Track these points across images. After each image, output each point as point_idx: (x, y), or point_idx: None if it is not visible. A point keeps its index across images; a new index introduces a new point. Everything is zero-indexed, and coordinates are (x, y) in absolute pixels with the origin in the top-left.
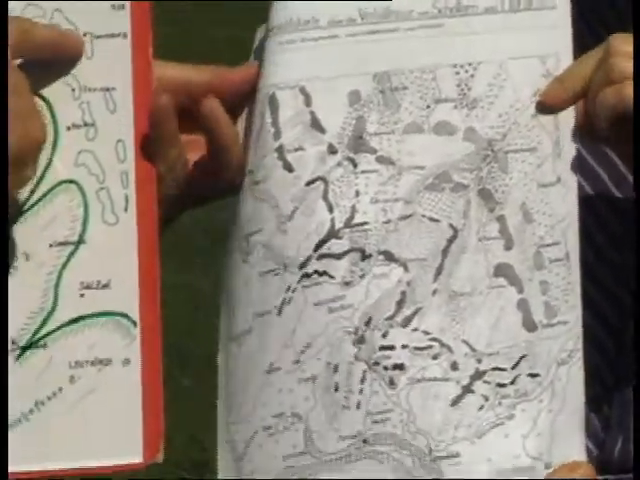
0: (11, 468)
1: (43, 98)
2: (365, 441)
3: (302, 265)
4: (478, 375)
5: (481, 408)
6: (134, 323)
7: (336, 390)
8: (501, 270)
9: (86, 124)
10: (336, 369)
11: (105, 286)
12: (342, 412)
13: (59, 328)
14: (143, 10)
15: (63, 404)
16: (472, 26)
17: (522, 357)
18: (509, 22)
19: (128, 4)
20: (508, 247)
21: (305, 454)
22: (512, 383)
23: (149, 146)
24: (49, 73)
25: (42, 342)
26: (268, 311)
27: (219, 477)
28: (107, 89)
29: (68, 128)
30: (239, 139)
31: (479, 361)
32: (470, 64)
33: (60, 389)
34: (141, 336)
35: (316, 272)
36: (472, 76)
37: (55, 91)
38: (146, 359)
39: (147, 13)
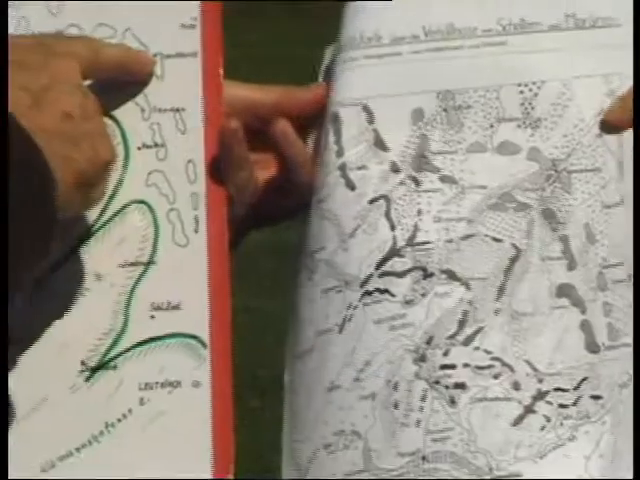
0: None
1: (113, 118)
2: (424, 458)
3: (363, 283)
4: (540, 395)
5: (543, 428)
6: (204, 345)
7: (395, 407)
8: (564, 291)
9: (156, 144)
10: (396, 387)
11: (175, 307)
12: (401, 429)
13: (129, 349)
14: (214, 29)
15: (133, 426)
16: (536, 44)
17: (584, 379)
18: (574, 40)
19: (199, 23)
20: (571, 267)
21: (364, 472)
22: (574, 404)
23: (219, 168)
24: (120, 93)
25: (112, 363)
26: (330, 329)
27: None
28: (177, 109)
29: (139, 148)
30: (310, 159)
31: (541, 381)
32: (534, 83)
33: (130, 411)
34: (211, 358)
35: (377, 290)
36: (536, 95)
37: (125, 111)
38: (216, 381)
39: (218, 32)
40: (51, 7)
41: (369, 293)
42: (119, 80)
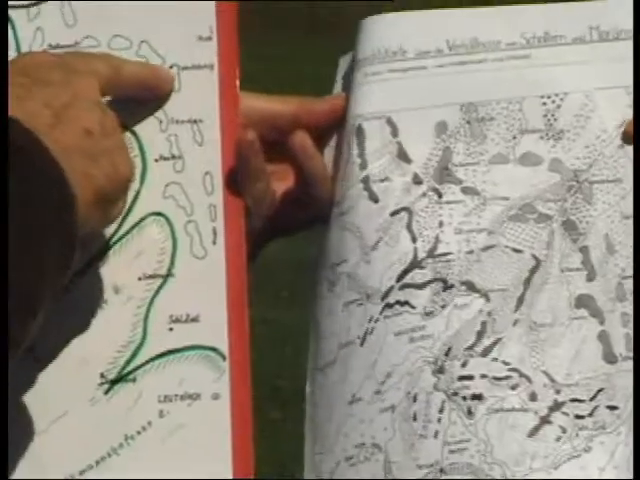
0: None
1: (131, 130)
2: (442, 470)
3: (384, 295)
4: (557, 406)
5: (558, 439)
6: (223, 357)
7: (414, 419)
8: (583, 301)
9: (174, 156)
10: (415, 399)
11: (194, 320)
12: (420, 441)
13: (148, 362)
14: (230, 41)
15: (153, 439)
16: (560, 56)
17: (601, 389)
18: (597, 52)
19: (215, 35)
20: (590, 278)
21: None
22: (590, 415)
23: (236, 179)
24: (138, 108)
25: (131, 376)
26: (351, 342)
27: None
28: (194, 121)
29: (156, 160)
30: (328, 172)
31: (558, 392)
32: (557, 95)
33: (149, 423)
34: (230, 370)
35: (398, 302)
36: (559, 107)
37: (143, 123)
38: (235, 393)
39: (234, 44)
40: (67, 19)
41: (390, 306)
42: (139, 97)
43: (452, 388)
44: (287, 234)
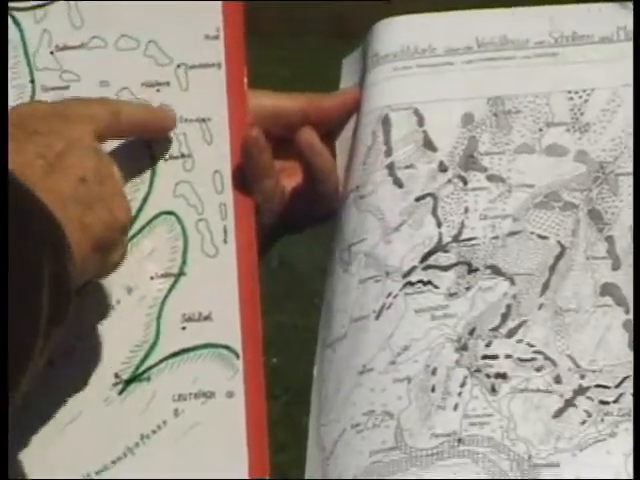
0: None
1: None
2: (460, 440)
3: (406, 274)
4: (581, 390)
5: (583, 423)
6: (236, 355)
7: (432, 391)
8: (607, 290)
9: (183, 155)
10: (434, 372)
11: (206, 318)
12: (437, 412)
13: (162, 361)
14: (237, 40)
15: (168, 438)
16: (587, 55)
17: (626, 377)
18: (624, 51)
19: (222, 34)
20: (615, 267)
21: (395, 449)
22: (615, 402)
23: (245, 177)
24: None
25: (146, 375)
26: (365, 316)
27: (305, 478)
28: (203, 120)
29: (165, 159)
30: (335, 167)
31: (582, 377)
32: (584, 90)
33: (164, 422)
34: (244, 368)
35: (420, 281)
36: (585, 102)
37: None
38: (249, 391)
39: (241, 43)
40: (74, 20)
41: (411, 284)
42: (140, 138)
43: (475, 365)
44: (297, 230)
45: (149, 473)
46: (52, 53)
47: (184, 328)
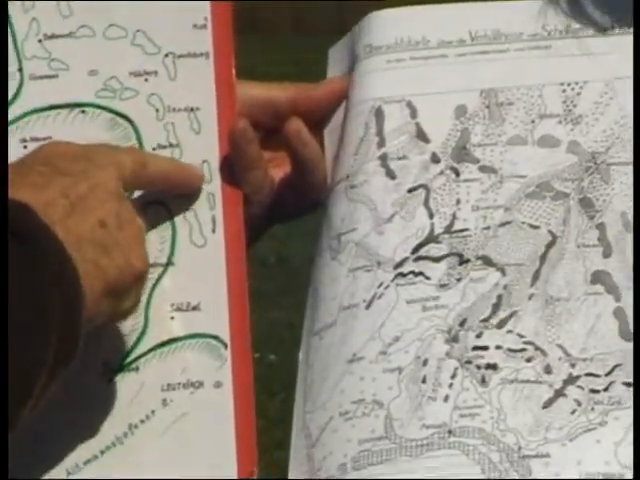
0: None
1: (128, 119)
2: (450, 432)
3: (398, 265)
4: (571, 380)
5: (573, 412)
6: (225, 345)
7: (423, 382)
8: (599, 277)
9: (171, 145)
10: (425, 363)
11: (195, 308)
12: (427, 403)
13: (150, 351)
14: (225, 29)
15: (156, 427)
16: (581, 48)
17: (617, 365)
18: (617, 44)
19: (209, 24)
20: (607, 255)
21: (384, 439)
22: (605, 390)
23: (233, 168)
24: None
25: (134, 365)
26: (355, 304)
27: (290, 467)
28: (191, 109)
29: (154, 149)
30: (323, 157)
31: (573, 366)
32: (577, 83)
33: (153, 412)
34: (232, 358)
35: (412, 272)
36: (578, 94)
37: (140, 112)
38: (237, 381)
39: (229, 32)
40: (62, 9)
41: (403, 275)
42: (166, 191)
43: (466, 356)
44: (286, 220)
45: (138, 462)
46: (40, 42)
47: (172, 318)
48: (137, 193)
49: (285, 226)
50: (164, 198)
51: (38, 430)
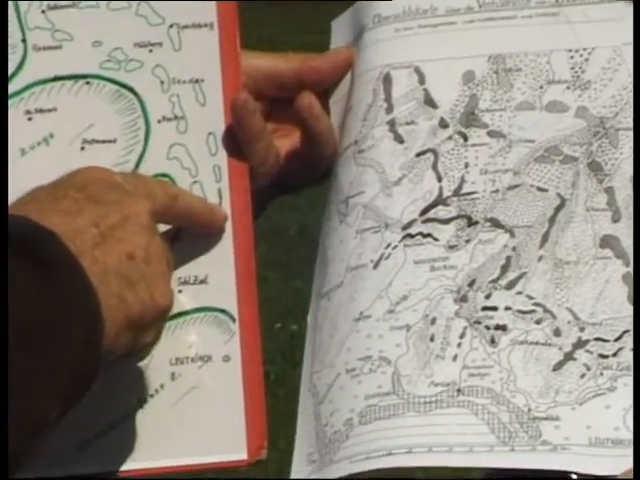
0: (114, 467)
1: (134, 92)
2: (459, 390)
3: (406, 226)
4: (581, 344)
5: (583, 376)
6: (233, 319)
7: (431, 340)
8: (607, 242)
9: (176, 117)
10: (433, 321)
11: (202, 282)
12: (436, 361)
13: None
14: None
15: (165, 401)
16: (588, 15)
17: (626, 331)
18: (625, 10)
19: None
20: (615, 219)
21: (391, 394)
22: (614, 355)
23: (238, 140)
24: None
25: None
26: (363, 265)
27: (297, 427)
28: (196, 80)
29: (159, 121)
30: (334, 129)
31: (582, 330)
32: (585, 49)
33: (162, 386)
34: (240, 332)
35: (420, 234)
36: (586, 60)
37: (145, 84)
38: (246, 355)
39: (233, 3)
40: None
41: (411, 236)
42: (190, 228)
43: (475, 317)
44: (293, 192)
45: (147, 436)
46: (43, 12)
47: (180, 291)
48: (163, 227)
49: (306, 197)
50: (169, 171)
51: None
